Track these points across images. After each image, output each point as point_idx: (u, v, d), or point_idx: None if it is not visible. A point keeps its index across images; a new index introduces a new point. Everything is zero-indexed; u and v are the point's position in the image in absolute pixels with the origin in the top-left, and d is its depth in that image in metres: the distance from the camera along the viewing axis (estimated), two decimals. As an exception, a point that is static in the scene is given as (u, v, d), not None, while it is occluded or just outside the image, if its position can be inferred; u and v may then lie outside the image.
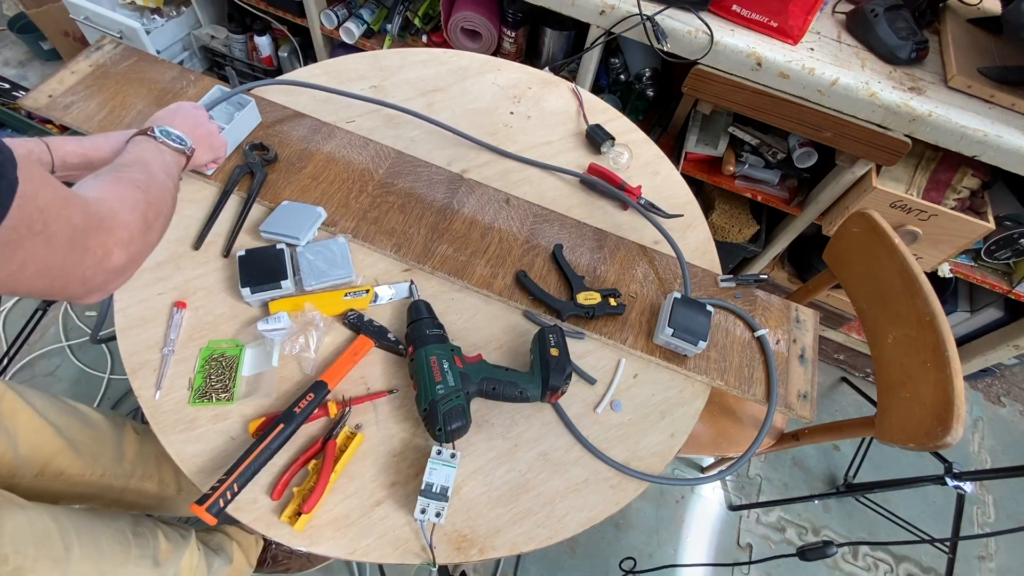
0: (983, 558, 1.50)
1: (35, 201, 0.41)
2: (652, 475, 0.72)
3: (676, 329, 0.77)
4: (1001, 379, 1.86)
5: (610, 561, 1.37)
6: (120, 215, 0.52)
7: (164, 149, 0.68)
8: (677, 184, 1.02)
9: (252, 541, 1.14)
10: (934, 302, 0.78)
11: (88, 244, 0.47)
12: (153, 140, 0.68)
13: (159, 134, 0.69)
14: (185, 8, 1.81)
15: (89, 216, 0.47)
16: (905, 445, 0.75)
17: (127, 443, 0.95)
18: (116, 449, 0.92)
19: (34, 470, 0.80)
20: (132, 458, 0.95)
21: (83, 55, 0.99)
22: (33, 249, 0.42)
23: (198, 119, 0.79)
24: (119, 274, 0.51)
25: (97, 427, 0.91)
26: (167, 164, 0.67)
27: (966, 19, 1.24)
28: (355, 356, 0.74)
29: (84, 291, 0.50)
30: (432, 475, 0.64)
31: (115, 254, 0.50)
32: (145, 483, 0.98)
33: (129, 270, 0.53)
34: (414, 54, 1.12)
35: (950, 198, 1.19)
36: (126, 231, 0.51)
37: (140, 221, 0.54)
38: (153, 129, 0.69)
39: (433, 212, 0.89)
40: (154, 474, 0.99)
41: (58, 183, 0.45)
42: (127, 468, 0.94)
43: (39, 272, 0.44)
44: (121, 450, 0.93)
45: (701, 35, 1.13)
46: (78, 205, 0.47)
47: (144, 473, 0.97)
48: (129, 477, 0.95)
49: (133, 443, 0.96)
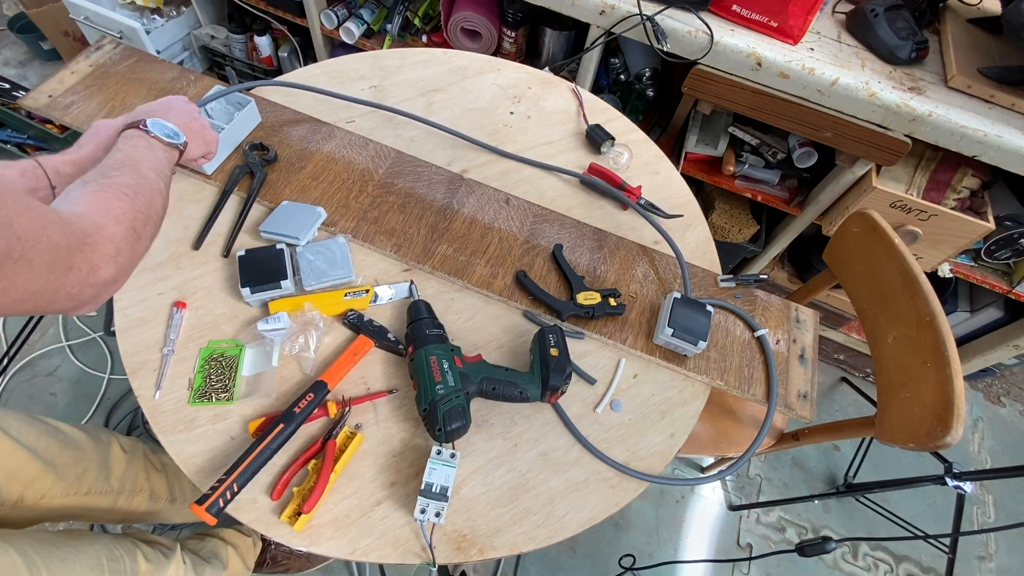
0: (983, 558, 1.50)
1: (11, 228, 0.41)
2: (652, 475, 0.72)
3: (676, 329, 0.77)
4: (1001, 379, 1.86)
5: (610, 561, 1.37)
6: (105, 228, 0.51)
7: (156, 145, 0.66)
8: (677, 184, 1.02)
9: (249, 543, 1.14)
10: (934, 302, 0.78)
11: (72, 262, 0.47)
12: (145, 135, 0.66)
13: (151, 128, 0.66)
14: (185, 8, 1.81)
15: (71, 235, 0.47)
16: (905, 445, 0.75)
17: (113, 460, 0.93)
18: (102, 467, 0.91)
19: (12, 498, 0.78)
20: (120, 474, 0.93)
21: (83, 55, 0.99)
22: (13, 275, 0.42)
23: (191, 113, 0.76)
24: (108, 286, 0.51)
25: (79, 446, 0.88)
26: (158, 161, 0.64)
27: (966, 19, 1.24)
28: (355, 356, 0.74)
29: (73, 306, 0.49)
30: (432, 475, 0.64)
31: (102, 269, 0.49)
32: (135, 497, 0.96)
33: (120, 280, 0.53)
34: (414, 54, 1.12)
35: (950, 198, 1.19)
36: (112, 244, 0.50)
37: (127, 232, 0.53)
38: (145, 122, 0.67)
39: (433, 212, 0.89)
40: (144, 487, 0.98)
41: (37, 205, 0.45)
42: (115, 485, 0.92)
43: (22, 296, 0.44)
44: (108, 467, 0.92)
45: (701, 35, 1.13)
46: (59, 225, 0.46)
47: (133, 488, 0.96)
48: (118, 493, 0.93)
49: (120, 460, 0.94)
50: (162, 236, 0.81)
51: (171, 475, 1.04)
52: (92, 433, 0.93)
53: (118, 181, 0.57)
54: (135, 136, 0.65)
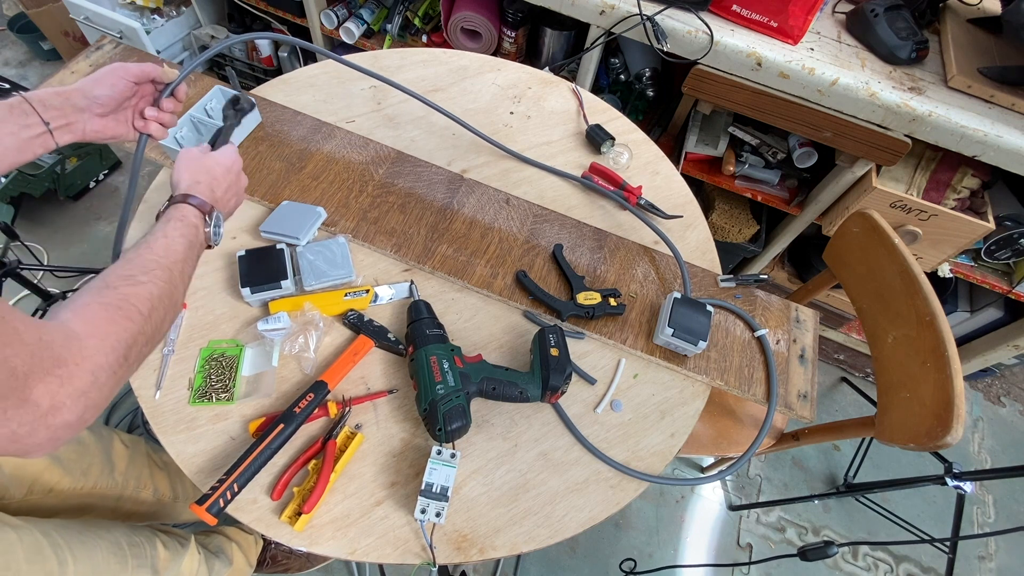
0: (983, 558, 1.50)
1: None
2: (652, 475, 0.72)
3: (676, 329, 0.77)
4: (1001, 379, 1.86)
5: (610, 561, 1.37)
6: (92, 358, 0.42)
7: (202, 239, 0.59)
8: (677, 184, 1.02)
9: (251, 541, 1.14)
10: (934, 302, 0.78)
11: (28, 395, 0.37)
12: (198, 225, 0.59)
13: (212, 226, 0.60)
14: (185, 8, 1.81)
15: (39, 360, 0.38)
16: (905, 445, 0.75)
17: (116, 456, 0.94)
18: (105, 462, 0.91)
19: (22, 489, 0.79)
20: (123, 469, 0.94)
21: (83, 55, 0.99)
22: None
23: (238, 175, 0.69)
24: (69, 428, 0.40)
25: (81, 440, 0.89)
26: (195, 259, 0.58)
27: (966, 19, 1.24)
28: (355, 356, 0.74)
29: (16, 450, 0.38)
30: (432, 475, 0.64)
31: (67, 408, 0.39)
32: (141, 493, 0.97)
33: (86, 421, 0.41)
34: (414, 54, 1.12)
35: (950, 198, 1.19)
36: (89, 377, 0.41)
37: (116, 362, 0.44)
38: (212, 212, 0.60)
39: (433, 212, 0.89)
40: (148, 483, 0.99)
41: (11, 314, 0.38)
42: (119, 480, 0.93)
43: None
44: (111, 462, 0.92)
45: (701, 35, 1.13)
46: (27, 346, 0.38)
47: (138, 483, 0.97)
48: (123, 488, 0.94)
49: (122, 455, 0.95)
50: (162, 236, 0.81)
51: (173, 473, 1.04)
52: (93, 429, 0.94)
53: (140, 292, 0.48)
54: (189, 221, 0.58)
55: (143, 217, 0.83)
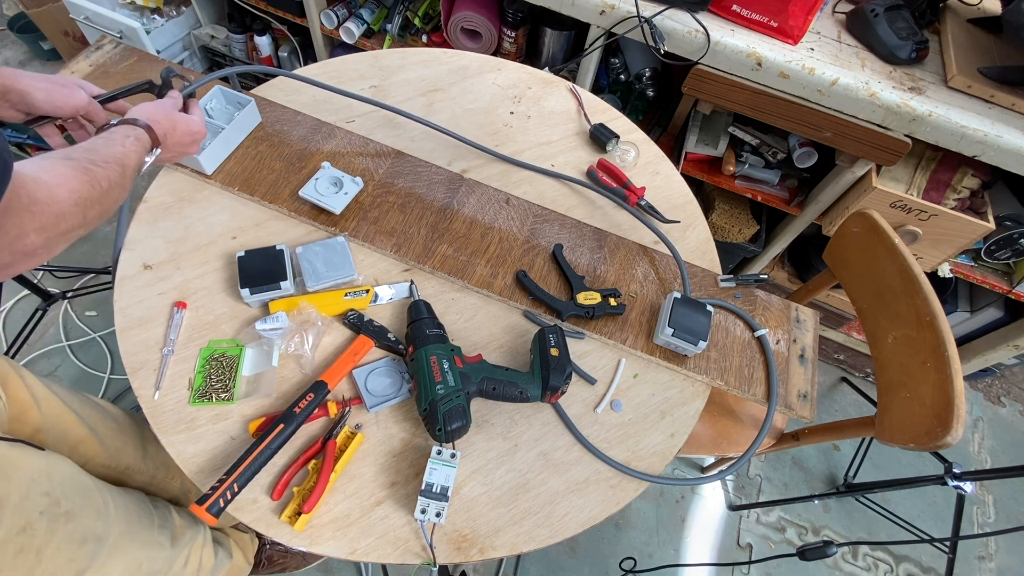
0: (983, 558, 1.50)
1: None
2: (652, 475, 0.72)
3: (676, 329, 0.77)
4: (1001, 379, 1.86)
5: (610, 561, 1.37)
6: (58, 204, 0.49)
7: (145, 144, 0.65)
8: (677, 184, 1.02)
9: (247, 540, 1.15)
10: (934, 302, 0.78)
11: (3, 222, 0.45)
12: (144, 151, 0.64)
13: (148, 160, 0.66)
14: (185, 8, 1.81)
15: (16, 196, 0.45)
16: (905, 445, 0.75)
17: (148, 441, 0.95)
18: (139, 445, 0.93)
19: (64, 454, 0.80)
20: (155, 455, 0.95)
21: (83, 55, 0.99)
22: None
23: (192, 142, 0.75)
24: (29, 257, 0.49)
25: (118, 421, 0.91)
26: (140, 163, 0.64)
27: (966, 19, 1.24)
28: (355, 356, 0.74)
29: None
30: (432, 475, 0.64)
31: (31, 237, 0.47)
32: (169, 482, 0.98)
33: (41, 256, 0.50)
34: (414, 54, 1.12)
35: (950, 198, 1.19)
36: (54, 219, 0.49)
37: (78, 214, 0.52)
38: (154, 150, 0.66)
39: (433, 212, 0.89)
40: (176, 475, 1.00)
41: None
42: (150, 465, 0.94)
43: None
44: (143, 447, 0.94)
45: (700, 35, 1.13)
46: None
47: (167, 473, 0.98)
48: (153, 474, 0.95)
49: (153, 441, 0.96)
50: (162, 236, 0.81)
51: None
52: (128, 412, 0.96)
53: (100, 172, 0.55)
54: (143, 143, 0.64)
55: (143, 217, 0.83)
